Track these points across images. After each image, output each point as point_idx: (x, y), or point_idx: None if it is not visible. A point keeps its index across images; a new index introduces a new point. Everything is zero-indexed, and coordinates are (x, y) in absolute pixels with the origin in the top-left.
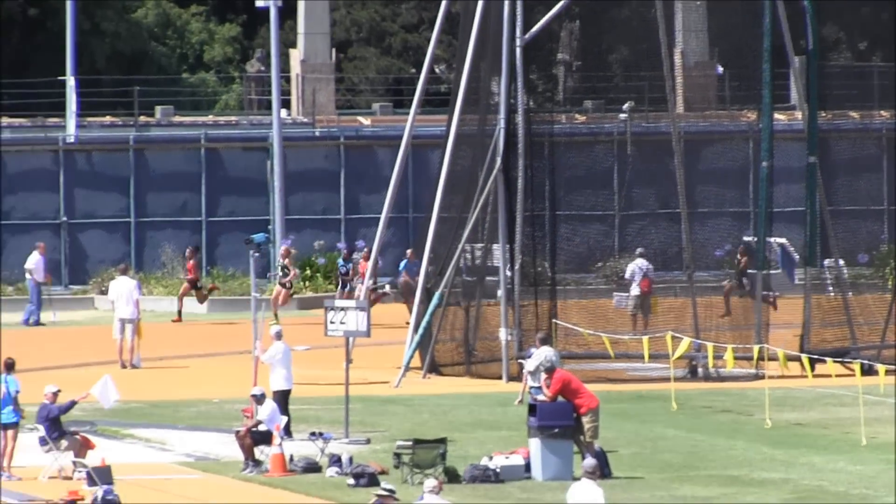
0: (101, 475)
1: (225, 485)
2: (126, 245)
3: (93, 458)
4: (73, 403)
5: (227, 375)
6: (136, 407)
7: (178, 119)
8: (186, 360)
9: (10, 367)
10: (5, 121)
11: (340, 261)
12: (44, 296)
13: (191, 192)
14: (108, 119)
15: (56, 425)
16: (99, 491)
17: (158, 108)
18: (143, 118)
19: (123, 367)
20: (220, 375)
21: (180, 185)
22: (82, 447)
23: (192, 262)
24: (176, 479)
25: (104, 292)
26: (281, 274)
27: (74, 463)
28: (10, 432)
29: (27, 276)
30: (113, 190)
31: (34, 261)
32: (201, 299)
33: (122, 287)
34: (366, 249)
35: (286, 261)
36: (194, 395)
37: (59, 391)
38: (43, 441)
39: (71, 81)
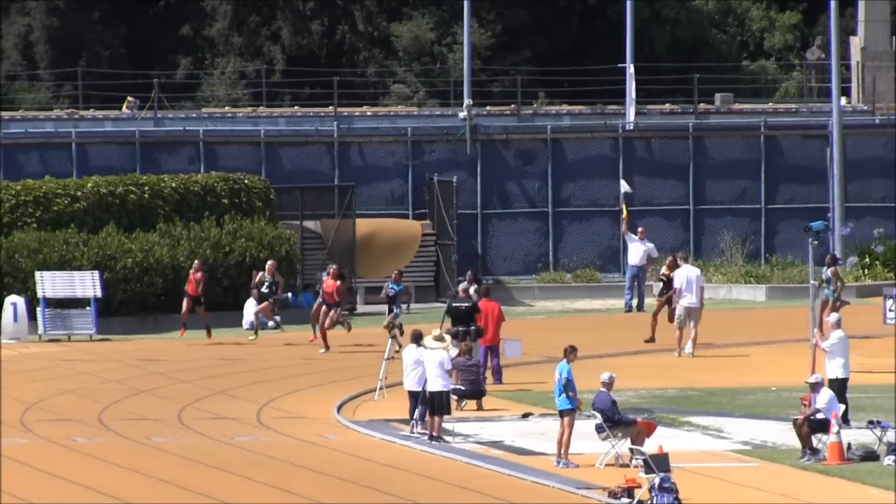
0: (659, 463)
1: (781, 473)
2: (685, 232)
3: (650, 446)
4: (632, 421)
5: (784, 363)
6: (694, 395)
7: (737, 106)
8: (744, 347)
9: (570, 352)
10: (565, 108)
11: (390, 282)
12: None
13: (750, 179)
14: (667, 106)
15: (613, 412)
16: (656, 478)
17: (718, 96)
18: (702, 105)
19: (679, 355)
20: (778, 363)
21: (739, 173)
22: (639, 434)
23: (199, 275)
24: (732, 467)
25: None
26: (268, 291)
27: (631, 450)
28: (565, 419)
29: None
30: (671, 177)
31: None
32: (204, 318)
33: (690, 274)
34: (333, 268)
35: (276, 276)
36: (752, 383)
37: (614, 378)
38: (600, 428)
39: (630, 69)
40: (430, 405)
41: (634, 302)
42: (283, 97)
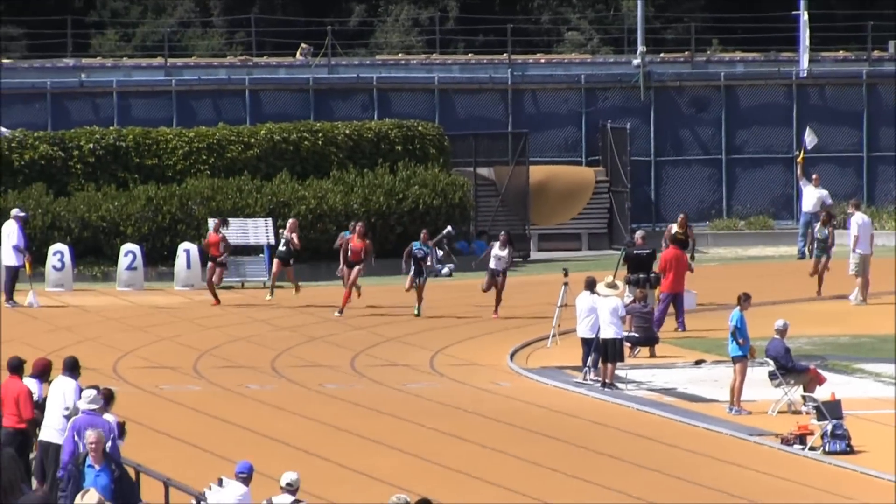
0: (831, 409)
1: None
2: (858, 179)
3: (822, 393)
4: (805, 368)
5: None
6: (866, 341)
7: None
8: None
9: (743, 299)
10: (738, 55)
11: (417, 243)
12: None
13: None
14: (840, 54)
15: (786, 360)
16: (828, 425)
17: (891, 43)
18: (875, 52)
19: (864, 301)
20: None
21: None
22: (811, 381)
23: (218, 235)
24: None
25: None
26: (284, 249)
27: (804, 397)
28: (737, 366)
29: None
30: (845, 124)
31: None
32: (218, 277)
33: (865, 222)
34: (359, 226)
35: (293, 235)
36: None
37: (788, 325)
38: (773, 375)
39: (804, 16)
40: (603, 352)
41: (808, 249)
42: (457, 44)
